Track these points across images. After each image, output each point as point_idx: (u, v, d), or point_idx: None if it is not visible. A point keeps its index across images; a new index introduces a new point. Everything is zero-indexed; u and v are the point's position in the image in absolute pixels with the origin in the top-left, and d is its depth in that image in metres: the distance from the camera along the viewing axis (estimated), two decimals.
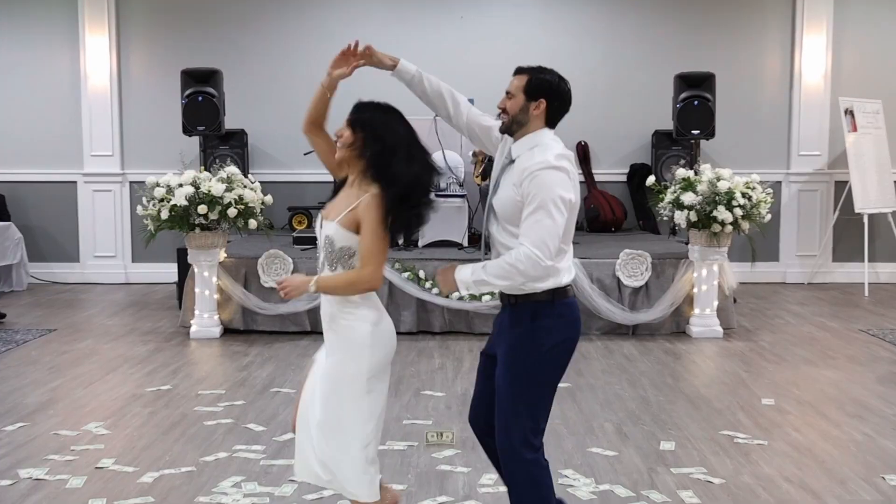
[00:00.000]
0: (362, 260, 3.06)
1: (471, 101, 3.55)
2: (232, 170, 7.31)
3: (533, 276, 3.03)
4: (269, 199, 7.42)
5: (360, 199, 3.06)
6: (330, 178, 3.34)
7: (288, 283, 3.10)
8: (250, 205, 7.18)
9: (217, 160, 9.01)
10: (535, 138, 3.15)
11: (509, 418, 3.13)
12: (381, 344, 3.14)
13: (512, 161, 3.17)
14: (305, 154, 8.70)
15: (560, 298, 3.13)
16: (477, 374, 3.39)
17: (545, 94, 3.15)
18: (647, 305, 7.51)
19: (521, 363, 3.11)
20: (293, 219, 9.53)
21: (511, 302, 3.18)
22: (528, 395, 3.11)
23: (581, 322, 3.22)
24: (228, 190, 7.09)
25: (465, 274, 3.10)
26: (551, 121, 3.20)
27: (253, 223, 7.21)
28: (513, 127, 3.19)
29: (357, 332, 3.10)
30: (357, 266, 3.09)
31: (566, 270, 3.15)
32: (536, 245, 2.99)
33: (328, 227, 3.13)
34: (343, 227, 3.07)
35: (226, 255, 7.53)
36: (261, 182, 7.63)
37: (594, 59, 10.05)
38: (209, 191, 7.02)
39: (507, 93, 3.20)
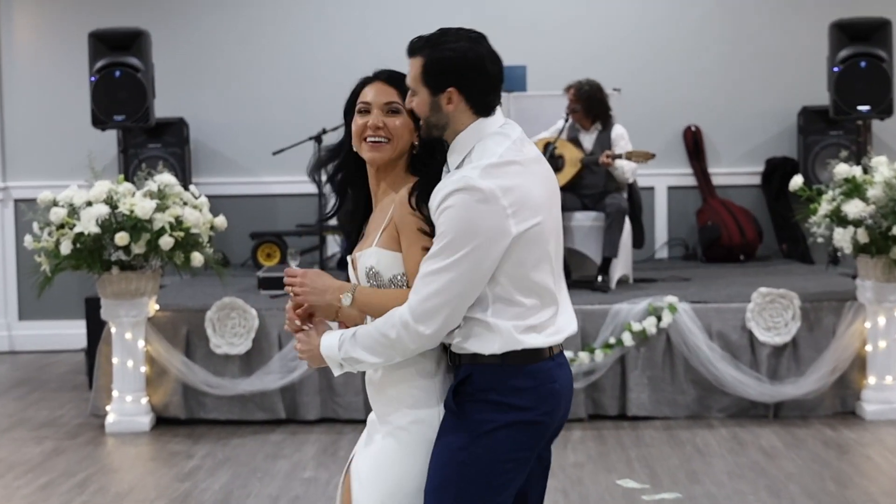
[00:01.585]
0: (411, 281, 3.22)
1: (523, 68, 3.60)
2: (166, 179, 7.37)
3: (412, 350, 3.13)
4: (221, 221, 7.47)
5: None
6: (312, 191, 3.40)
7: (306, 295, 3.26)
8: (193, 230, 7.24)
9: (144, 165, 9.06)
10: (471, 137, 3.22)
11: None
12: None
13: None
14: (275, 153, 8.74)
15: (521, 363, 3.17)
16: None
17: (451, 77, 3.19)
18: (795, 373, 7.47)
19: (447, 454, 3.17)
20: (258, 250, 9.57)
21: (454, 363, 3.26)
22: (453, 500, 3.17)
23: (566, 397, 3.26)
24: (161, 209, 7.15)
25: (331, 346, 3.23)
26: (480, 106, 3.24)
27: (198, 258, 7.27)
28: (433, 132, 3.27)
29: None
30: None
31: (543, 326, 3.20)
32: (413, 308, 3.08)
33: (368, 258, 3.27)
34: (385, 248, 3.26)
35: (158, 306, 7.59)
36: (209, 196, 7.68)
37: (706, 5, 10.06)
38: (132, 211, 7.07)
39: (408, 88, 3.27)
